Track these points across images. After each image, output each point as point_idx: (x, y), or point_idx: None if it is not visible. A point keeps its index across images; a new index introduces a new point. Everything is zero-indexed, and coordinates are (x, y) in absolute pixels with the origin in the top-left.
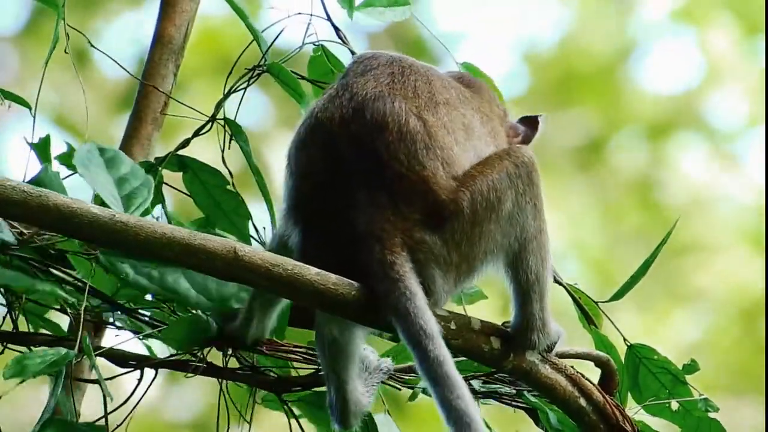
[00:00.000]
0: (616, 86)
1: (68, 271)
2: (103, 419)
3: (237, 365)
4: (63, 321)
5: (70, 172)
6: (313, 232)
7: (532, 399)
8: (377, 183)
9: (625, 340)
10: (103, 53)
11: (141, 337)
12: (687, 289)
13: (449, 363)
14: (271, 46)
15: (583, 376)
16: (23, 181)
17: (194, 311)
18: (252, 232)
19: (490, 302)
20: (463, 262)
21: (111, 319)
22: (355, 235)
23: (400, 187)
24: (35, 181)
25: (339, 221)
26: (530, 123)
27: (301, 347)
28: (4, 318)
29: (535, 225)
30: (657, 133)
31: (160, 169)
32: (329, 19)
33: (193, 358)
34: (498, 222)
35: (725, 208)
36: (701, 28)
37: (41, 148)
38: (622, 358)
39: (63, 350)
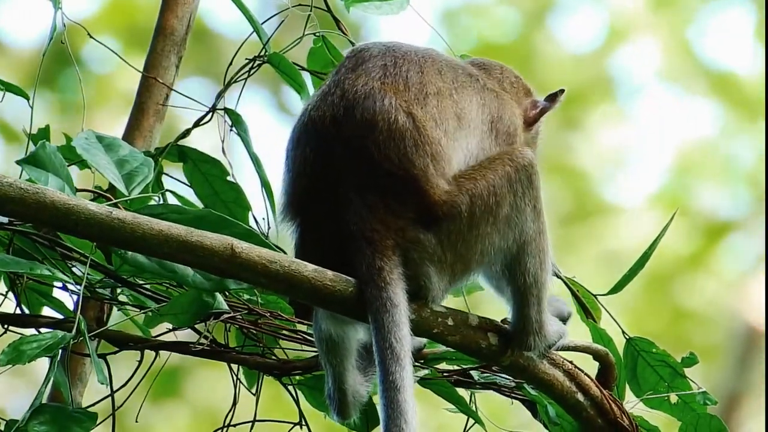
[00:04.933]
0: (528, 50)
1: (71, 246)
2: (102, 403)
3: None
4: (68, 298)
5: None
6: (309, 229)
7: (532, 392)
8: (370, 182)
9: (624, 333)
10: (105, 46)
11: (150, 313)
12: (598, 252)
13: (405, 390)
14: (272, 36)
15: (581, 370)
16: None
17: None
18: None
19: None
20: (459, 261)
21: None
22: (348, 235)
23: (393, 185)
24: (32, 158)
25: (333, 220)
26: (552, 97)
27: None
28: (5, 296)
29: (534, 227)
30: (568, 95)
31: (160, 159)
32: (329, 10)
33: (193, 341)
34: (496, 225)
35: (636, 169)
36: None
37: (40, 139)
38: (620, 350)
39: (60, 333)
